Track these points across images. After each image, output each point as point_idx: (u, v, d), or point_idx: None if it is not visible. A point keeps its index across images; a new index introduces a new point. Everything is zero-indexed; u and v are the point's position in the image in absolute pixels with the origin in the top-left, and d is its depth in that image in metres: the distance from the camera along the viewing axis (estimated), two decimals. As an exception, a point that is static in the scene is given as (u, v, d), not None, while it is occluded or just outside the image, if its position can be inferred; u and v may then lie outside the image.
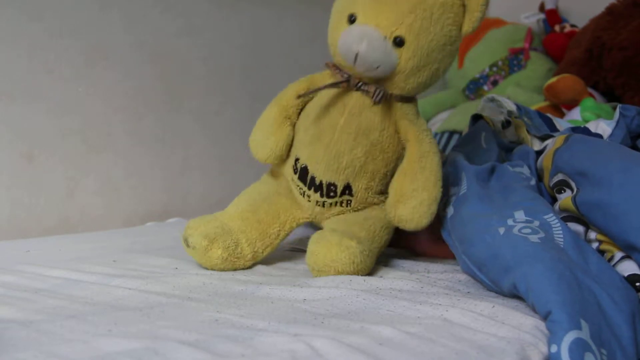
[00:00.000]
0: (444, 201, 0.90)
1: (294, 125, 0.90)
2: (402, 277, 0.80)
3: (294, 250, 1.00)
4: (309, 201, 0.89)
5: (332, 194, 0.88)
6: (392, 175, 0.88)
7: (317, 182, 0.87)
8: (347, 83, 0.84)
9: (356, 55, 0.79)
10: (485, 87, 1.79)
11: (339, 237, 0.81)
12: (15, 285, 0.73)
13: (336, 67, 0.86)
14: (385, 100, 0.84)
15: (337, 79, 0.86)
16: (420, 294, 0.72)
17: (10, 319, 0.59)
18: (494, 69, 1.77)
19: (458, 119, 1.61)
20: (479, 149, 1.04)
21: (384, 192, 0.90)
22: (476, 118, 1.14)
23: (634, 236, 0.72)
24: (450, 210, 0.87)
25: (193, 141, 1.45)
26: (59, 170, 1.23)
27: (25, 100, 1.18)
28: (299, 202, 0.90)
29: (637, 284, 0.72)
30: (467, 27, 0.84)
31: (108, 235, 1.14)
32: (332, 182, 0.87)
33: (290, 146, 0.90)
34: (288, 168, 0.91)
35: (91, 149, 1.28)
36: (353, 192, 0.88)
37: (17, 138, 1.17)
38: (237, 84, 1.53)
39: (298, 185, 0.90)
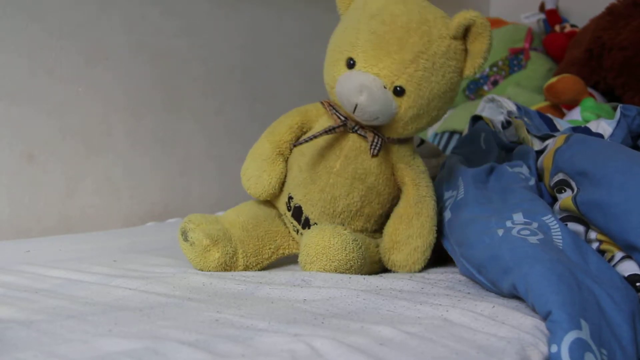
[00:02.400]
0: (440, 206, 0.90)
1: (286, 160, 0.89)
2: (402, 277, 0.80)
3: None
4: (301, 236, 0.88)
5: None
6: (387, 216, 0.87)
7: (311, 222, 0.86)
8: (344, 126, 0.83)
9: (355, 106, 0.78)
10: (486, 87, 1.79)
11: (332, 226, 0.81)
12: (15, 285, 0.73)
13: (332, 107, 0.84)
14: (383, 145, 0.83)
15: (332, 119, 0.84)
16: (420, 294, 0.72)
17: (10, 319, 0.59)
18: (494, 69, 1.77)
19: (458, 119, 1.61)
20: (478, 150, 1.04)
21: (378, 231, 0.89)
22: (475, 119, 1.14)
23: (634, 236, 0.72)
24: (447, 215, 0.87)
25: (193, 141, 1.45)
26: (59, 170, 1.23)
27: (26, 100, 1.18)
28: (292, 236, 0.90)
29: (638, 284, 0.72)
30: (469, 72, 0.81)
31: (108, 235, 1.14)
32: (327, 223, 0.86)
33: (284, 180, 0.89)
34: (281, 204, 0.90)
35: (91, 149, 1.28)
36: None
37: (17, 138, 1.17)
38: (237, 84, 1.53)
39: (292, 223, 0.89)
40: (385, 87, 0.78)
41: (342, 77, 0.80)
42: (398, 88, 0.78)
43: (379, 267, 0.87)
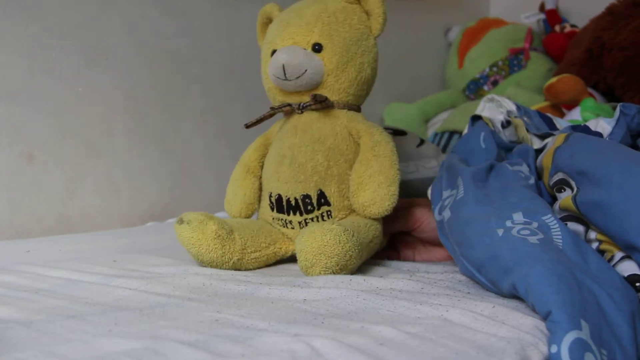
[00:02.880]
0: (440, 206, 0.90)
1: (258, 177, 0.96)
2: (402, 277, 0.80)
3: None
4: (293, 228, 0.90)
5: (309, 207, 0.88)
6: None
7: (293, 202, 0.89)
8: (290, 107, 0.91)
9: (283, 67, 0.87)
10: (486, 87, 1.79)
11: (320, 225, 0.83)
12: (15, 285, 0.73)
13: (279, 106, 0.93)
14: (330, 109, 0.91)
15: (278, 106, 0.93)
16: (420, 294, 0.72)
17: (10, 319, 0.59)
18: (494, 69, 1.77)
19: (458, 119, 1.62)
20: (478, 149, 1.04)
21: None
22: (475, 118, 1.14)
23: (634, 236, 0.72)
24: (446, 214, 0.86)
25: (193, 141, 1.45)
26: (59, 170, 1.23)
27: (25, 100, 1.18)
28: (286, 234, 0.91)
29: (637, 284, 0.72)
30: (375, 28, 0.93)
31: (108, 235, 1.14)
32: (305, 193, 0.88)
33: (259, 193, 0.95)
34: (266, 211, 0.93)
35: (91, 149, 1.28)
36: (329, 200, 0.88)
37: (17, 138, 1.17)
38: (237, 84, 1.53)
39: (279, 220, 0.91)
40: (304, 49, 0.89)
41: (270, 61, 0.91)
42: (315, 45, 0.89)
43: (377, 245, 0.89)
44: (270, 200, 0.91)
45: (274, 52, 0.91)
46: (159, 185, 1.39)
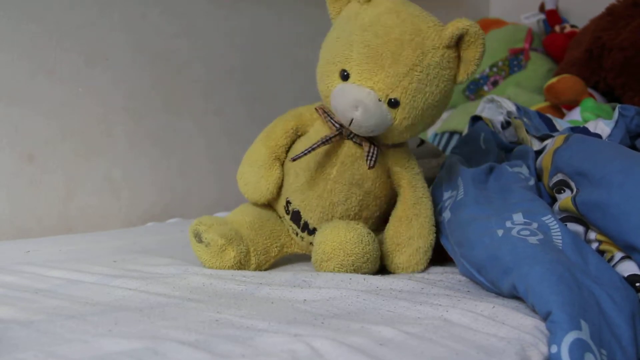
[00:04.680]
0: (440, 206, 0.90)
1: (282, 164, 0.89)
2: (402, 277, 0.80)
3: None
4: (302, 240, 0.90)
5: None
6: (383, 216, 0.89)
7: (311, 227, 0.87)
8: (340, 134, 0.83)
9: (351, 121, 0.78)
10: (486, 88, 1.79)
11: (346, 222, 0.82)
12: (15, 285, 0.73)
13: (327, 114, 0.84)
14: (379, 154, 0.83)
15: (327, 126, 0.84)
16: (420, 295, 0.72)
17: (10, 319, 0.59)
18: (494, 69, 1.77)
19: (458, 119, 1.61)
20: (478, 150, 1.04)
21: (375, 230, 0.89)
22: (475, 119, 1.14)
23: (634, 236, 0.72)
24: (447, 215, 0.87)
25: (192, 142, 1.45)
26: (59, 170, 1.23)
27: (25, 100, 1.18)
28: (292, 236, 0.91)
29: (637, 284, 0.72)
30: (462, 78, 0.81)
31: (108, 236, 1.14)
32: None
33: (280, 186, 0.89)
34: (279, 207, 0.91)
35: (91, 149, 1.28)
36: None
37: (17, 138, 1.17)
38: (237, 85, 1.53)
39: (291, 226, 0.90)
40: (380, 100, 0.78)
41: (337, 91, 0.80)
42: (392, 100, 0.78)
43: (380, 263, 0.88)
44: (287, 206, 0.89)
45: (344, 72, 0.80)
46: (159, 185, 1.39)
